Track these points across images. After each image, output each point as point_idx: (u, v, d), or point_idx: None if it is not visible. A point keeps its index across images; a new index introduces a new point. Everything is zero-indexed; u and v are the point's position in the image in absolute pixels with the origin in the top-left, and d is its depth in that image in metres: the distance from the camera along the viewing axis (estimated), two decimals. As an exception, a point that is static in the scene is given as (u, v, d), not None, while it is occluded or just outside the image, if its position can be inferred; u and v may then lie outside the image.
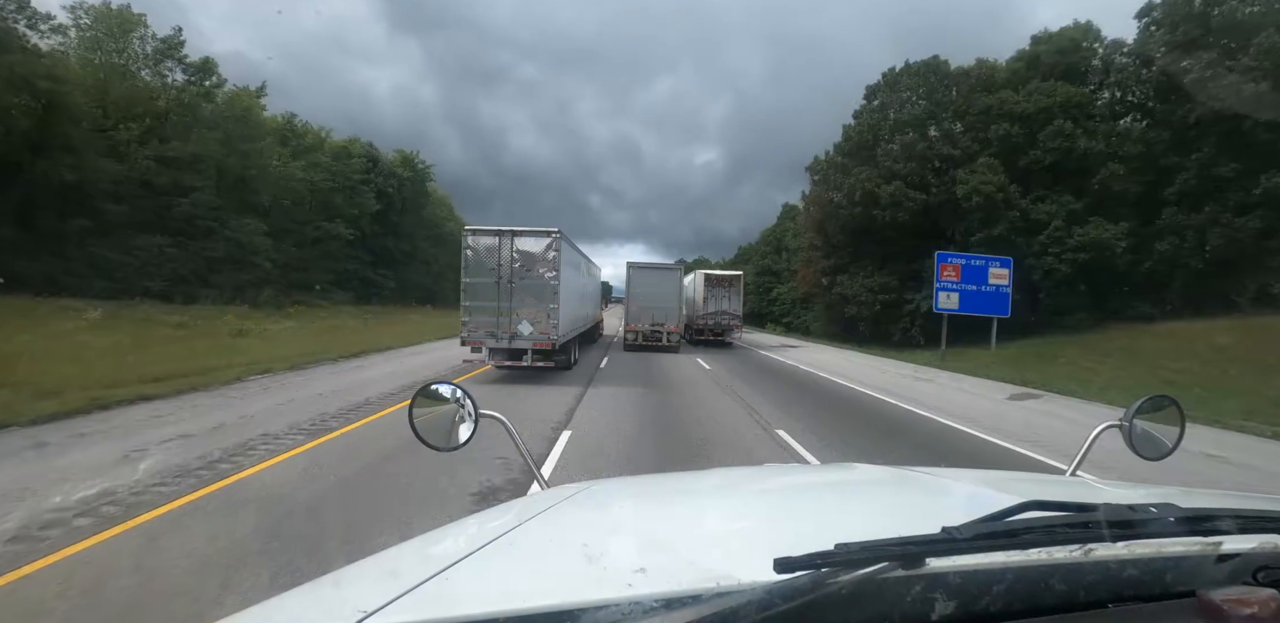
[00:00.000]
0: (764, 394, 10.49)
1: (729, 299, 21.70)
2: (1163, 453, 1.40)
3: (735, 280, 22.15)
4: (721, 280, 22.15)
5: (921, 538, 0.64)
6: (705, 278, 22.18)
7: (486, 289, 10.79)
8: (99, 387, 7.82)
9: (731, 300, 21.68)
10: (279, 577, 3.01)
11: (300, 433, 6.33)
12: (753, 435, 7.05)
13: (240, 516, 3.97)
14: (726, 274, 22.68)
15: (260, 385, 9.45)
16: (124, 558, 3.32)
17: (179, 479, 4.68)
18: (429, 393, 1.51)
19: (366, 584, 0.79)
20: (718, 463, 5.71)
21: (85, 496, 4.23)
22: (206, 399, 8.16)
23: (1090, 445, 1.45)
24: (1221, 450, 7.19)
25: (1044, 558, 0.65)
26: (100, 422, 6.59)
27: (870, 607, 0.60)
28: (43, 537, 3.54)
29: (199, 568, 3.16)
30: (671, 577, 0.67)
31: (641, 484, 1.57)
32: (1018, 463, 6.36)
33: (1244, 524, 0.71)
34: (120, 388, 7.95)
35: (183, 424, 6.56)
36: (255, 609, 0.73)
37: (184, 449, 5.52)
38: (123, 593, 2.95)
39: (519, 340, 10.77)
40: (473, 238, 10.97)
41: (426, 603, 0.66)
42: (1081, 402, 11.25)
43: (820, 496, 1.33)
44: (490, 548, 0.85)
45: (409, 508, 4.20)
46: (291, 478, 4.82)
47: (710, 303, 21.56)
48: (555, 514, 1.08)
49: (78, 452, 5.41)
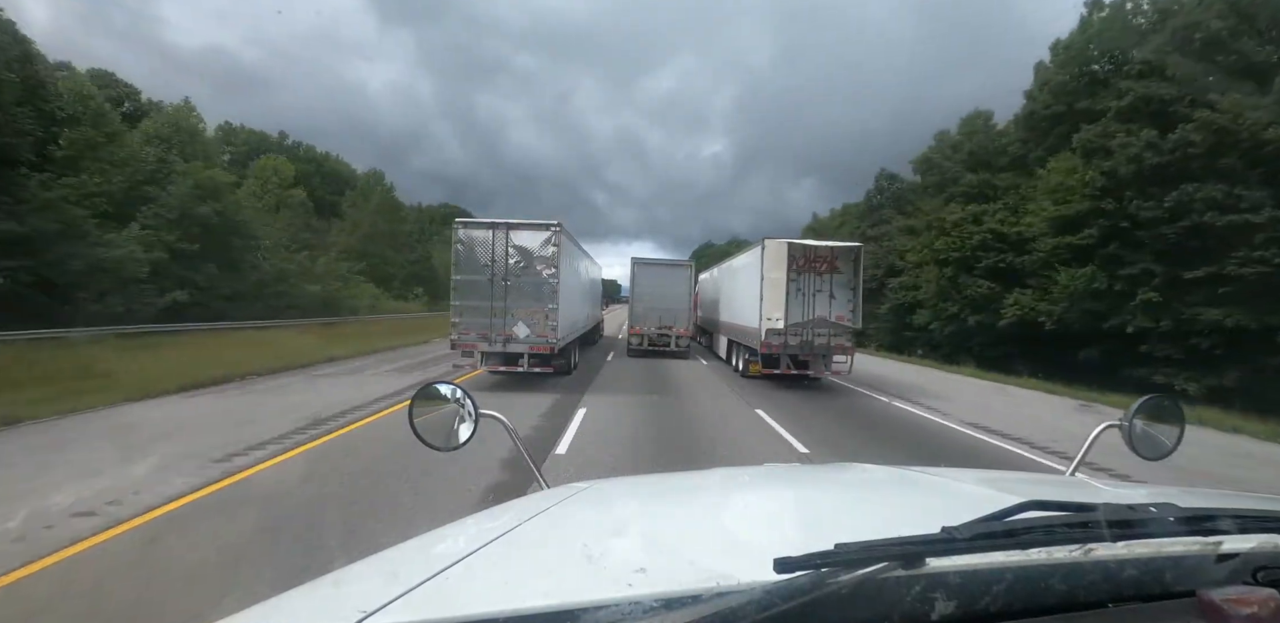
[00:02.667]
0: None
1: (833, 296, 11.29)
2: (1162, 453, 1.40)
3: (847, 257, 11.36)
4: (820, 258, 11.26)
5: (921, 538, 0.64)
6: (790, 254, 11.10)
7: (479, 287, 10.07)
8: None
9: (837, 298, 11.31)
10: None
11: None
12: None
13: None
14: (831, 247, 11.45)
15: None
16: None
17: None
18: (429, 393, 1.51)
19: (366, 584, 0.79)
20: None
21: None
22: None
23: (1090, 446, 1.45)
24: None
25: (1044, 558, 0.65)
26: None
27: (870, 607, 0.60)
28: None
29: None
30: (671, 577, 0.67)
31: (641, 484, 1.57)
32: None
33: (1244, 524, 0.71)
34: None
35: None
36: (255, 609, 0.73)
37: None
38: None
39: (515, 344, 10.13)
40: (464, 231, 10.18)
41: (426, 603, 0.66)
42: None
43: (820, 496, 1.33)
44: (490, 548, 0.85)
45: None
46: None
47: (800, 304, 11.17)
48: (555, 514, 1.08)
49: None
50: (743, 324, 12.91)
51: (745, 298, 12.66)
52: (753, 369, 12.22)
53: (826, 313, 11.24)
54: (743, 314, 12.94)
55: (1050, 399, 12.50)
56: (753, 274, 11.90)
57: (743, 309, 12.95)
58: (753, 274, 11.90)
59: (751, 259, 12.39)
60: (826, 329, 11.37)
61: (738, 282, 13.96)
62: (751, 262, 12.30)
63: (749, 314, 12.14)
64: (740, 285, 13.52)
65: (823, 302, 11.29)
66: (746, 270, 12.82)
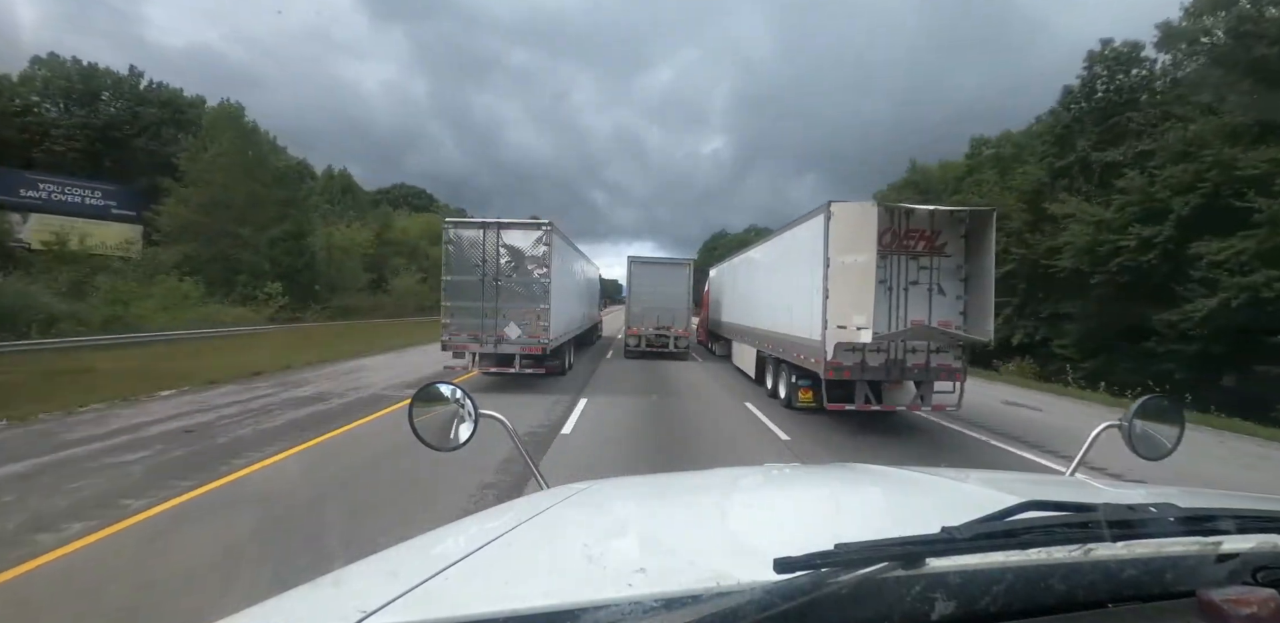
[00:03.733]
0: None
1: (939, 290, 7.29)
2: (1162, 453, 1.40)
3: (958, 229, 7.28)
4: (915, 233, 7.27)
5: (921, 538, 0.64)
6: (884, 221, 6.98)
7: (470, 288, 10.03)
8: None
9: (945, 294, 7.32)
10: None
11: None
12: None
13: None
14: (941, 212, 7.34)
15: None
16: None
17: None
18: (428, 393, 1.50)
19: (366, 584, 0.79)
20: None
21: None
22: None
23: (1090, 446, 1.45)
24: None
25: (1044, 558, 0.66)
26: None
27: (870, 607, 0.60)
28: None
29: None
30: (671, 577, 0.67)
31: (641, 484, 1.57)
32: None
33: (1243, 524, 0.72)
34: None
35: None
36: (255, 609, 0.72)
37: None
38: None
39: (506, 345, 10.09)
40: (454, 231, 10.15)
41: (426, 603, 0.65)
42: None
43: (820, 495, 1.33)
44: (490, 548, 0.85)
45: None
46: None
47: (888, 304, 7.22)
48: (555, 514, 1.08)
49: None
50: (789, 334, 8.92)
51: (793, 295, 8.79)
52: (802, 398, 8.40)
53: (926, 316, 7.21)
54: (788, 319, 9.01)
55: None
56: (809, 259, 7.90)
57: (788, 312, 9.03)
58: (809, 259, 7.90)
59: (808, 236, 8.09)
60: (928, 344, 7.31)
61: (780, 272, 9.79)
62: (807, 240, 8.10)
63: (802, 319, 8.21)
64: (784, 277, 9.44)
65: (919, 300, 7.26)
66: (796, 255, 8.73)
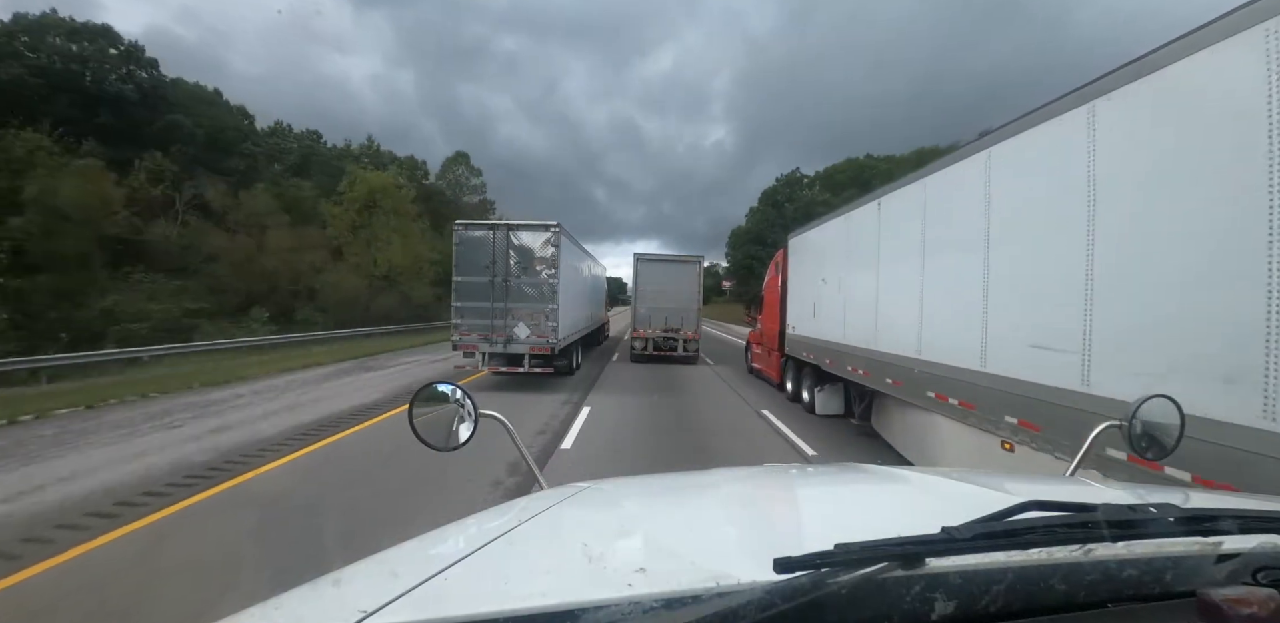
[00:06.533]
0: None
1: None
2: (1162, 453, 1.39)
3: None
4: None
5: (921, 538, 0.64)
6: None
7: (479, 288, 10.26)
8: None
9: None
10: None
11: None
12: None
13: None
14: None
15: None
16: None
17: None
18: (428, 393, 1.50)
19: (366, 584, 0.79)
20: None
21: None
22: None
23: (1090, 445, 1.44)
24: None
25: (1044, 558, 0.66)
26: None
27: (870, 607, 0.60)
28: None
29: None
30: (671, 577, 0.67)
31: (641, 484, 1.57)
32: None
33: (1244, 524, 0.71)
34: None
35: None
36: (255, 609, 0.73)
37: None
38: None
39: (515, 344, 10.28)
40: (464, 232, 10.36)
41: (426, 603, 0.66)
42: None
43: (820, 496, 1.33)
44: (490, 548, 0.85)
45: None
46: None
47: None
48: (555, 514, 1.08)
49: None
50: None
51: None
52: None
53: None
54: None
55: None
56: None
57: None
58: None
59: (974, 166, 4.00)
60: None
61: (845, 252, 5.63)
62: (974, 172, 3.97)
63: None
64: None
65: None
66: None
